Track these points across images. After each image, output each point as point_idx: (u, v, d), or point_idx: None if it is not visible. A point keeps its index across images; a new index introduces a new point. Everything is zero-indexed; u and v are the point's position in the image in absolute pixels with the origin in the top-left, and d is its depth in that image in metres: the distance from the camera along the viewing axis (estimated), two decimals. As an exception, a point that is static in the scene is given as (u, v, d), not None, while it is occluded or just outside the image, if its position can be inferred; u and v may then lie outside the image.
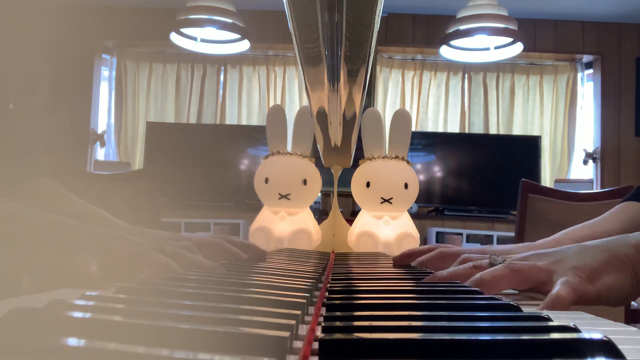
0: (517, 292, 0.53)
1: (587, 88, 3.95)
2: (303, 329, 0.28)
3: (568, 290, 0.43)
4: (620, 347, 0.23)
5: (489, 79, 3.91)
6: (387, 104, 3.87)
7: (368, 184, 1.05)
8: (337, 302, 0.35)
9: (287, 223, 1.07)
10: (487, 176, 3.63)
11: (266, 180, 1.06)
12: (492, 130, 3.88)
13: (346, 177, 1.11)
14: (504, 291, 0.51)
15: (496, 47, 2.88)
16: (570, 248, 0.49)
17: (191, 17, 2.74)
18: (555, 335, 0.25)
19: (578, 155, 3.87)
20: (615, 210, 0.84)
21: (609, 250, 0.47)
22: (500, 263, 0.50)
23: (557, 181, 3.63)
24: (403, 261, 0.73)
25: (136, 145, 3.90)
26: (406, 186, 1.04)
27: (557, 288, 0.43)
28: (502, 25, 2.65)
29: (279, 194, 1.06)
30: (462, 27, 2.72)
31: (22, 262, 0.44)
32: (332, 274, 0.56)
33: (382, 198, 1.04)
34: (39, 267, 0.43)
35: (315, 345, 0.23)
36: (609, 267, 0.46)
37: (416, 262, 0.72)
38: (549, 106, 3.89)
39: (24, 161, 0.73)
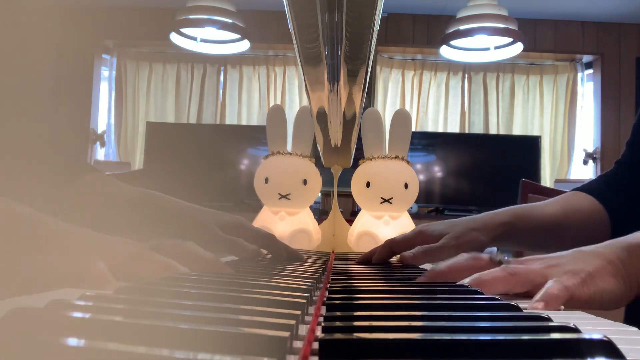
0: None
1: (587, 88, 3.95)
2: (303, 329, 0.28)
3: (560, 288, 0.43)
4: (620, 347, 0.23)
5: (489, 79, 3.91)
6: (387, 104, 3.87)
7: (368, 184, 1.05)
8: (337, 302, 0.35)
9: (287, 223, 1.07)
10: (487, 176, 3.63)
11: (266, 180, 1.06)
12: (492, 130, 3.88)
13: (346, 177, 1.11)
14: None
15: (496, 47, 2.89)
16: (566, 253, 0.51)
17: (191, 17, 2.74)
18: (555, 335, 0.25)
19: (578, 155, 3.87)
20: (561, 197, 0.87)
21: (603, 255, 0.49)
22: (500, 261, 0.51)
23: (557, 181, 3.63)
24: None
25: (136, 145, 3.90)
26: (406, 186, 1.04)
27: (549, 285, 0.44)
28: (502, 25, 2.65)
29: (279, 194, 1.05)
30: (462, 27, 2.72)
31: (24, 263, 0.44)
32: (332, 274, 0.56)
33: (382, 198, 1.04)
34: (42, 269, 0.43)
35: (315, 345, 0.23)
36: (603, 272, 0.47)
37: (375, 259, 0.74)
38: (549, 106, 3.89)
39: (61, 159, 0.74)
